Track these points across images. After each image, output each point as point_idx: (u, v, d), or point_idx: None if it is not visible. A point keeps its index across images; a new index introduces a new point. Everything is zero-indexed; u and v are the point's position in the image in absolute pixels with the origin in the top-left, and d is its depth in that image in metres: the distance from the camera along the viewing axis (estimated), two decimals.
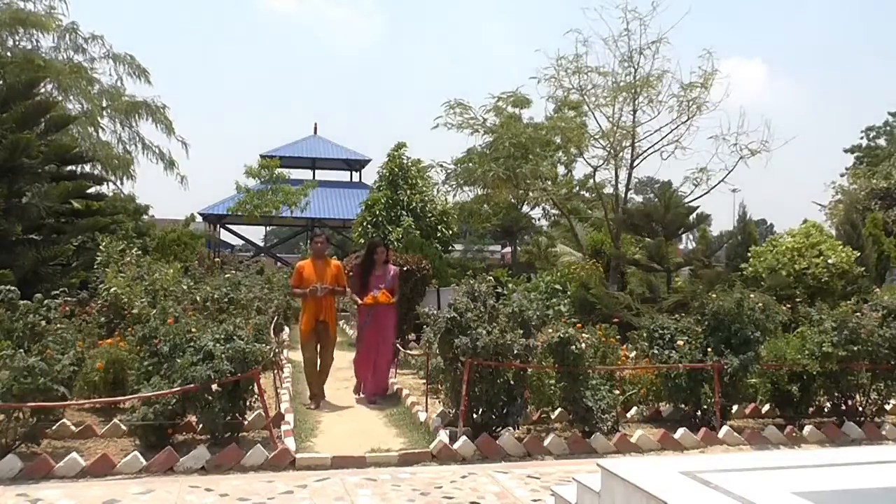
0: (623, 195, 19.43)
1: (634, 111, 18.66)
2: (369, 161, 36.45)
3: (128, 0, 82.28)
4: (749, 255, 14.18)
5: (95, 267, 12.07)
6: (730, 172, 18.32)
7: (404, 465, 6.52)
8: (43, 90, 19.45)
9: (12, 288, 6.87)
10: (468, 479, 6.17)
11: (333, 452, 6.58)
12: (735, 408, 8.25)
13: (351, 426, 7.90)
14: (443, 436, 6.95)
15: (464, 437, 6.85)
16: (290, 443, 6.73)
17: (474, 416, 7.22)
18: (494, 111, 22.75)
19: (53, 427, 6.94)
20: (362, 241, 19.39)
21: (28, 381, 6.12)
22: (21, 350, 6.34)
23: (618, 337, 9.48)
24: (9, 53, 20.68)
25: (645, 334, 8.51)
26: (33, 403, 6.18)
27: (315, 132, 39.22)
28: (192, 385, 6.44)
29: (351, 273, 9.97)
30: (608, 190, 21.63)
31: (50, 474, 5.95)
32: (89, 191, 20.03)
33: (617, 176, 19.55)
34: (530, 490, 5.88)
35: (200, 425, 6.86)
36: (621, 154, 19.04)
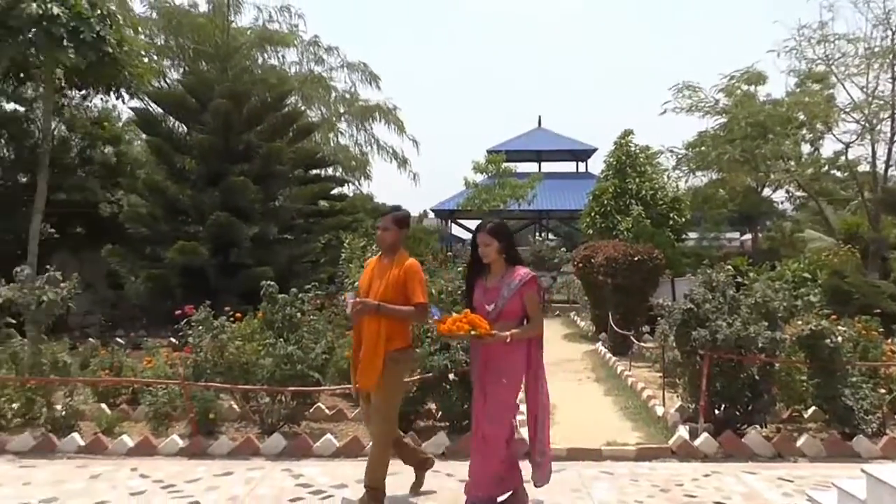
0: (882, 173, 17.68)
1: (894, 79, 16.91)
2: (595, 150, 35.96)
3: (357, 10, 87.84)
4: None
5: (340, 263, 12.93)
6: None
7: (641, 459, 6.38)
8: (289, 101, 21.37)
9: (272, 283, 7.53)
10: (711, 477, 5.88)
11: (569, 444, 6.56)
12: None
13: (586, 416, 7.84)
14: (682, 431, 6.69)
15: (705, 434, 6.54)
16: (524, 431, 6.77)
17: (715, 411, 6.88)
18: (726, 92, 21.61)
19: (310, 410, 7.59)
20: (590, 231, 19.19)
21: (288, 368, 6.79)
22: (281, 339, 7.01)
23: (881, 330, 8.61)
24: (258, 70, 22.93)
25: None
26: (293, 388, 6.82)
27: (539, 125, 39.38)
28: (429, 374, 6.73)
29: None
30: (864, 168, 19.79)
31: (309, 452, 6.55)
32: (332, 192, 21.71)
33: (874, 151, 17.83)
34: (782, 494, 5.47)
35: (440, 413, 7.14)
36: (878, 127, 17.39)
